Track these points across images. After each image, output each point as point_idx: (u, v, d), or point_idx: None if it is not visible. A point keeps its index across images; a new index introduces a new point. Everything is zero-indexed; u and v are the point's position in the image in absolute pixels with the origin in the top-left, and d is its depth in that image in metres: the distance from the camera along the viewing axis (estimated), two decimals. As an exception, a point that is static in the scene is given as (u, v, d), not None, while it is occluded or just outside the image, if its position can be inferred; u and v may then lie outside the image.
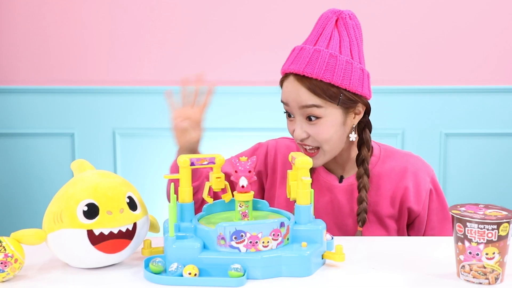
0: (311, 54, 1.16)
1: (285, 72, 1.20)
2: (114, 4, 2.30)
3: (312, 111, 1.15)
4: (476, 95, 2.29)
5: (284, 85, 1.20)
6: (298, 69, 1.16)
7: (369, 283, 0.93)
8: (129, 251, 1.00)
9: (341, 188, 1.27)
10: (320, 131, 1.16)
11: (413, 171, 1.27)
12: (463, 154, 2.33)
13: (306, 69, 1.15)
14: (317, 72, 1.14)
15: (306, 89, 1.15)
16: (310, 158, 1.00)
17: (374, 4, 2.27)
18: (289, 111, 1.20)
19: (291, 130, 1.21)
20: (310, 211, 1.00)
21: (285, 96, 1.19)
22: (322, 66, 1.15)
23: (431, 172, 1.29)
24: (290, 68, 1.18)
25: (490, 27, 2.27)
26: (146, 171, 2.37)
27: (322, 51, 1.16)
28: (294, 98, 1.16)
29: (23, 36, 2.33)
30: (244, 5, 2.29)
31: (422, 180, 1.26)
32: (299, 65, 1.16)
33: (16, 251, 0.93)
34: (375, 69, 2.31)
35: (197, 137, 1.23)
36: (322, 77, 1.14)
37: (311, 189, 1.00)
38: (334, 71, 1.15)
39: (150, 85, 2.33)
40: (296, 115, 1.18)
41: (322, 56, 1.15)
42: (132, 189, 1.03)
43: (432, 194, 1.28)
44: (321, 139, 1.17)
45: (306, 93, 1.15)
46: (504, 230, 0.87)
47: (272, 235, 0.94)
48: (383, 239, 1.20)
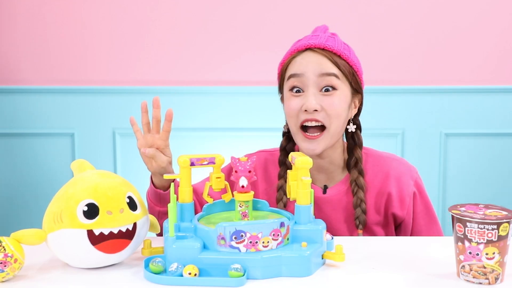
0: (327, 36, 1.21)
1: (301, 49, 1.19)
2: (114, 4, 2.30)
3: (331, 80, 1.16)
4: (476, 95, 2.29)
5: (299, 58, 1.19)
6: (319, 43, 1.18)
7: (369, 283, 0.92)
8: (129, 251, 1.00)
9: (325, 200, 1.25)
10: (335, 103, 1.16)
11: (396, 176, 1.25)
12: (463, 154, 2.33)
13: (327, 43, 1.18)
14: (338, 47, 1.18)
15: (328, 59, 1.17)
16: (310, 158, 0.99)
17: (374, 4, 2.27)
18: (300, 85, 1.17)
19: (296, 106, 1.17)
20: (310, 211, 1.00)
21: (302, 66, 1.17)
22: (340, 45, 1.19)
23: (414, 175, 1.28)
24: (309, 43, 1.18)
25: (490, 27, 2.27)
26: (146, 171, 2.36)
27: (336, 38, 1.22)
28: (313, 67, 1.16)
29: (23, 36, 2.33)
30: (244, 5, 2.29)
31: (405, 185, 1.25)
32: (319, 40, 1.19)
33: (16, 251, 0.93)
34: (376, 69, 2.32)
35: (166, 161, 1.19)
36: (341, 53, 1.18)
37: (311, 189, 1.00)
38: (350, 52, 1.20)
39: (150, 85, 2.33)
40: (310, 86, 1.16)
41: (337, 40, 1.21)
42: (132, 189, 1.03)
43: (416, 198, 1.27)
44: (333, 113, 1.16)
45: (328, 63, 1.17)
46: (504, 230, 0.87)
47: (272, 235, 0.94)
48: (383, 239, 1.20)
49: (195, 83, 2.33)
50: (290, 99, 1.19)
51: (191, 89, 2.32)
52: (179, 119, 2.35)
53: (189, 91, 2.32)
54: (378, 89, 2.29)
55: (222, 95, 2.32)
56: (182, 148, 2.35)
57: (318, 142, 1.18)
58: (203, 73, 2.33)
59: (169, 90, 2.31)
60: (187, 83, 2.33)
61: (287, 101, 1.20)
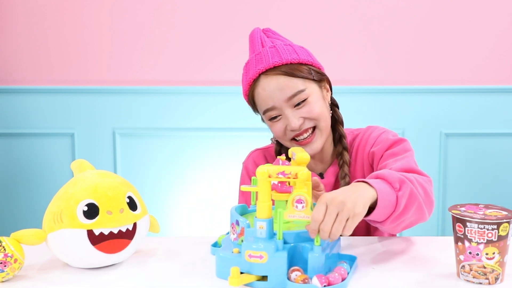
0: (268, 51, 1.22)
1: (255, 77, 1.21)
2: (114, 5, 2.30)
3: (300, 96, 1.19)
4: (476, 95, 2.29)
5: (259, 89, 1.21)
6: (266, 65, 1.20)
7: (369, 283, 0.92)
8: (129, 251, 1.00)
9: (324, 183, 1.29)
10: (311, 109, 1.21)
11: (372, 136, 1.29)
12: (463, 154, 2.33)
13: (274, 60, 1.20)
14: (284, 57, 1.20)
15: (284, 75, 1.19)
16: (308, 154, 0.99)
17: (374, 5, 2.27)
18: (276, 113, 1.22)
19: (281, 129, 1.23)
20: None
21: (268, 99, 1.21)
22: (285, 53, 1.21)
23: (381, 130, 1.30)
24: (257, 69, 1.20)
25: (490, 27, 2.27)
26: (146, 171, 2.37)
27: (277, 45, 1.23)
28: (277, 95, 1.19)
29: (23, 36, 2.33)
30: (244, 5, 2.29)
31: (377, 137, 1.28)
32: (264, 63, 1.20)
33: (16, 251, 0.93)
34: (376, 69, 2.32)
35: None
36: (290, 60, 1.20)
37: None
38: (296, 53, 1.22)
39: (150, 85, 2.33)
40: (284, 110, 1.21)
41: (279, 47, 1.22)
42: (132, 189, 1.03)
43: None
44: (315, 115, 1.21)
45: (286, 80, 1.19)
46: (504, 230, 0.87)
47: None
48: (383, 239, 1.20)
49: (195, 83, 2.33)
50: (273, 125, 1.25)
51: (191, 89, 2.32)
52: (179, 119, 2.36)
53: (189, 91, 2.32)
54: (378, 89, 2.30)
55: (222, 95, 2.32)
56: (182, 148, 2.36)
57: (314, 142, 1.24)
58: (203, 73, 2.33)
59: (169, 90, 2.32)
60: (187, 83, 2.33)
61: (271, 127, 1.26)
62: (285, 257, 0.89)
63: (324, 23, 2.28)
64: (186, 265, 1.02)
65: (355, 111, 2.25)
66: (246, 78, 1.25)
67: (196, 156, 2.34)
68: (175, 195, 2.38)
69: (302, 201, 0.90)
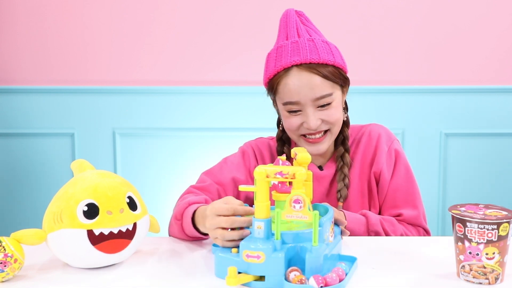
0: (307, 43, 1.19)
1: (287, 66, 1.18)
2: (114, 4, 2.30)
3: (326, 99, 1.19)
4: (476, 95, 2.29)
5: (289, 80, 1.18)
6: (303, 59, 1.17)
7: (369, 282, 0.92)
8: (129, 251, 1.00)
9: (322, 175, 1.30)
10: (332, 113, 1.20)
11: (375, 136, 1.32)
12: (463, 154, 2.33)
13: (312, 56, 1.17)
14: (322, 56, 1.17)
15: (317, 75, 1.17)
16: (309, 155, 0.99)
17: (374, 5, 2.27)
18: (296, 108, 1.20)
19: (296, 124, 1.21)
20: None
21: (295, 94, 1.18)
22: (323, 51, 1.18)
23: (392, 137, 1.33)
24: (292, 60, 1.17)
25: (490, 27, 2.27)
26: (146, 171, 2.37)
27: (315, 39, 1.20)
28: (306, 92, 1.17)
29: (23, 36, 2.33)
30: (244, 5, 2.29)
31: (382, 143, 1.31)
32: (301, 56, 1.17)
33: (16, 251, 0.93)
34: (376, 69, 2.32)
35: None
36: (327, 60, 1.17)
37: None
38: (332, 54, 1.20)
39: (150, 85, 2.33)
40: (307, 108, 1.19)
41: (317, 43, 1.19)
42: (132, 189, 1.03)
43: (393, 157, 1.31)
44: (333, 120, 1.21)
45: (318, 80, 1.17)
46: (504, 230, 0.87)
47: None
48: (383, 239, 1.20)
49: (195, 83, 2.33)
50: (289, 117, 1.22)
51: (191, 89, 2.32)
52: (179, 119, 2.36)
53: (189, 91, 2.32)
54: (378, 89, 2.29)
55: (222, 95, 2.32)
56: (182, 148, 2.36)
57: (323, 143, 1.24)
58: (203, 73, 2.33)
59: (169, 90, 2.31)
60: (187, 83, 2.33)
61: (286, 118, 1.23)
62: (282, 258, 0.88)
63: (324, 23, 2.28)
64: (186, 265, 1.02)
65: (355, 111, 2.22)
66: (276, 63, 1.20)
67: (196, 156, 2.34)
68: (175, 195, 2.37)
69: (300, 201, 0.89)
